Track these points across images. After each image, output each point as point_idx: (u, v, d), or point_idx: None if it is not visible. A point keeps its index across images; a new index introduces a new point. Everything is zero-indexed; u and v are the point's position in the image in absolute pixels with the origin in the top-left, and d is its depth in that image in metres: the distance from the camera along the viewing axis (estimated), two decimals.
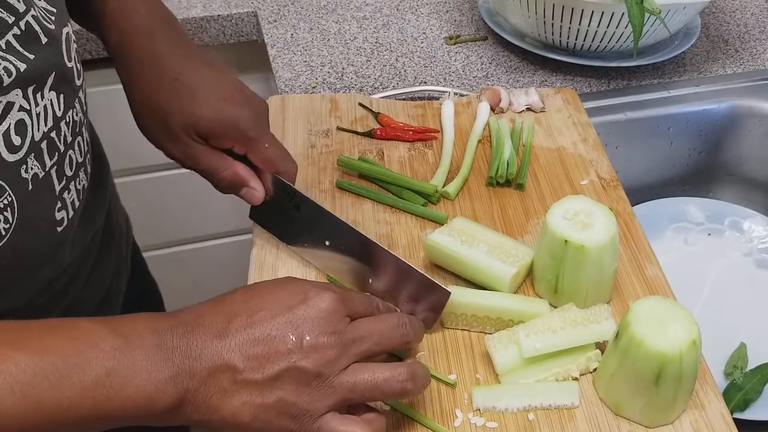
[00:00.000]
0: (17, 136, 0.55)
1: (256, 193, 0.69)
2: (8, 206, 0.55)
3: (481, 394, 0.61)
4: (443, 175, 0.82)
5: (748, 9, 1.22)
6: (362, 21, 1.18)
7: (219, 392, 0.51)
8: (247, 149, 0.68)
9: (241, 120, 0.66)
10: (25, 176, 0.56)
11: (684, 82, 1.05)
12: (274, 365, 0.51)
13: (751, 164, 1.06)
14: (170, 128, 0.66)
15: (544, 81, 1.04)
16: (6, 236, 0.55)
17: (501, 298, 0.66)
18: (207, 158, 0.67)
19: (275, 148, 0.69)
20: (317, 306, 0.53)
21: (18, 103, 0.55)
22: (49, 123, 0.59)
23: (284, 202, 0.70)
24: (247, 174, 0.69)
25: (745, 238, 0.98)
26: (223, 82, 0.68)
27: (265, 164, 0.69)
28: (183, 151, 0.68)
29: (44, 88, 0.58)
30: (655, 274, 0.71)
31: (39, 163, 0.58)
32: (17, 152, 0.55)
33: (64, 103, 0.61)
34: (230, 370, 0.51)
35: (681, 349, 0.55)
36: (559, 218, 0.65)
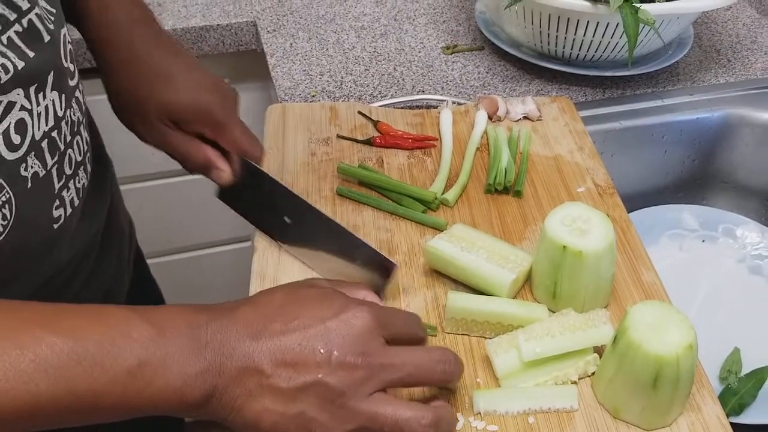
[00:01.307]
0: (17, 135, 0.56)
1: (223, 174, 0.72)
2: (6, 203, 0.56)
3: (482, 398, 0.62)
4: (442, 182, 0.83)
5: (739, 19, 1.24)
6: (360, 31, 1.19)
7: (245, 394, 0.51)
8: (217, 133, 0.71)
9: (212, 105, 0.70)
10: (24, 174, 0.58)
11: (677, 91, 1.06)
12: (300, 376, 0.51)
13: (744, 172, 1.07)
14: (146, 116, 0.70)
15: (540, 90, 1.06)
16: (4, 233, 0.56)
17: (500, 304, 0.67)
18: (180, 143, 0.71)
19: (243, 132, 0.72)
20: (350, 322, 0.52)
21: (19, 102, 0.56)
22: (50, 122, 0.60)
23: (249, 182, 0.73)
24: (215, 156, 0.72)
25: (739, 245, 1.00)
26: (194, 72, 0.72)
27: (234, 147, 0.71)
28: (157, 137, 0.72)
29: (46, 88, 0.59)
30: (651, 280, 0.72)
31: (40, 161, 0.59)
32: (17, 151, 0.56)
33: (64, 102, 0.63)
34: (258, 374, 0.51)
35: (678, 352, 0.56)
36: (557, 224, 0.66)
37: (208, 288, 1.55)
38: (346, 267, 0.69)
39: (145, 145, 0.73)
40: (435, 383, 0.56)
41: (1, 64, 0.54)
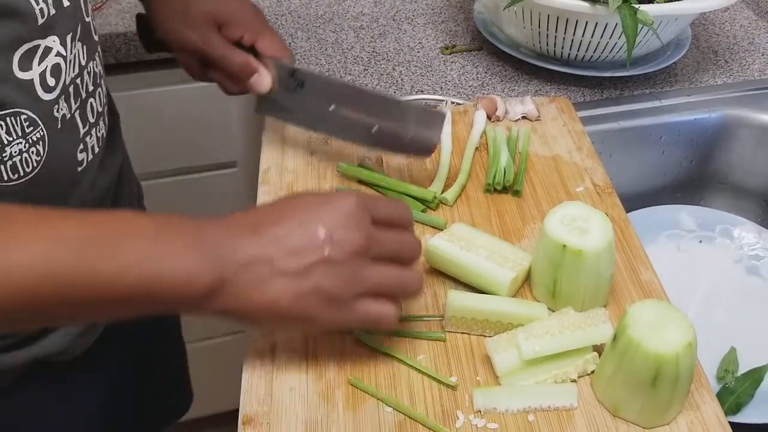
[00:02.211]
0: (52, 78, 0.62)
1: (264, 78, 0.78)
2: (40, 140, 0.62)
3: (482, 396, 0.62)
4: (441, 181, 0.83)
5: (736, 21, 1.25)
6: (359, 31, 1.19)
7: (257, 280, 0.55)
8: (256, 36, 0.78)
9: (250, 12, 0.79)
10: (56, 115, 0.64)
11: (675, 92, 1.07)
12: (307, 256, 0.56)
13: (742, 173, 1.08)
14: (191, 19, 0.77)
15: (539, 90, 1.06)
16: (37, 168, 0.63)
17: (500, 302, 0.67)
18: (221, 45, 0.77)
19: (278, 37, 0.80)
20: (341, 205, 0.58)
21: (55, 48, 0.62)
22: (75, 70, 0.66)
23: (290, 84, 0.78)
24: (256, 62, 0.78)
25: (736, 245, 1.00)
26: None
27: (273, 49, 0.78)
28: (202, 38, 0.77)
29: (76, 38, 0.65)
30: (650, 279, 0.73)
31: (67, 105, 0.65)
32: (51, 92, 0.62)
33: (87, 53, 0.68)
34: (267, 261, 0.55)
35: (677, 350, 0.56)
36: (557, 224, 0.67)
37: None
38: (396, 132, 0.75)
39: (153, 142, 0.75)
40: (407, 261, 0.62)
41: (39, 8, 0.59)
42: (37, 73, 0.60)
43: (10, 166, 0.61)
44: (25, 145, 0.61)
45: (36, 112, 0.61)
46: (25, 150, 0.61)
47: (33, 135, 0.61)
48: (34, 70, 0.60)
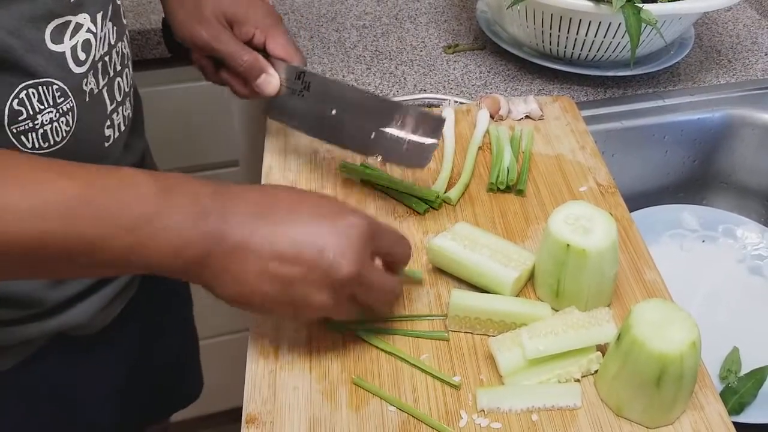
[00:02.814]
0: (83, 52, 0.64)
1: (272, 79, 0.77)
2: (70, 111, 0.64)
3: (486, 396, 0.62)
4: (444, 181, 0.83)
5: (739, 20, 1.24)
6: (362, 29, 1.19)
7: (241, 270, 0.55)
8: (267, 35, 0.78)
9: (262, 10, 0.79)
10: (85, 89, 0.65)
11: (678, 92, 1.07)
12: (293, 268, 0.56)
13: (745, 173, 1.08)
14: (203, 14, 0.77)
15: (542, 89, 1.06)
16: (66, 138, 0.64)
17: (504, 302, 0.67)
18: (232, 42, 0.77)
19: (289, 38, 0.79)
20: (347, 229, 0.57)
21: (86, 25, 0.64)
22: (105, 48, 0.68)
23: (296, 86, 0.77)
24: (265, 62, 0.78)
25: (739, 245, 1.00)
26: None
27: (282, 50, 0.78)
28: (212, 35, 0.77)
29: (106, 18, 0.67)
30: (653, 279, 0.72)
31: (95, 80, 0.67)
32: (81, 66, 0.64)
33: (116, 34, 0.70)
34: (256, 257, 0.55)
35: (682, 350, 0.56)
36: (560, 223, 0.67)
37: None
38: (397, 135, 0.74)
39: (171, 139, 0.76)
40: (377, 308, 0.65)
41: None
42: (69, 47, 0.62)
43: (41, 134, 0.62)
44: (55, 114, 0.62)
45: (66, 83, 0.63)
46: (55, 119, 0.62)
47: (63, 105, 0.63)
48: (66, 43, 0.62)
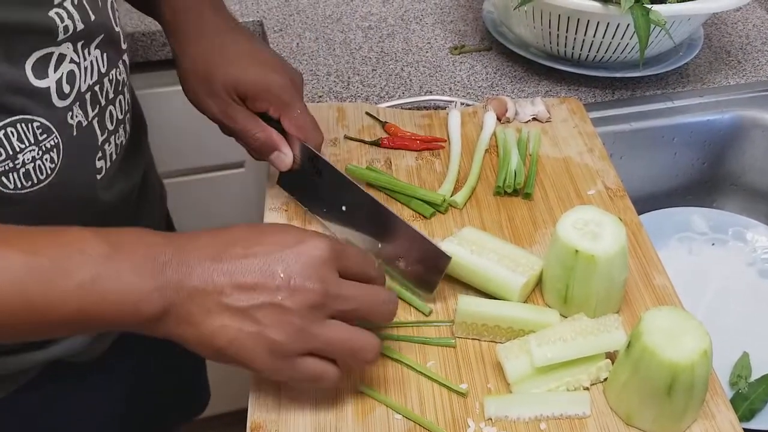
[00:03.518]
0: (67, 85, 0.61)
1: (285, 157, 0.74)
2: (54, 147, 0.61)
3: (493, 404, 0.61)
4: (451, 184, 0.82)
5: (749, 20, 1.23)
6: (367, 30, 1.18)
7: (203, 311, 0.53)
8: (281, 113, 0.73)
9: (278, 84, 0.72)
10: (70, 122, 0.62)
11: (687, 93, 1.05)
12: (258, 297, 0.53)
13: (755, 175, 1.07)
14: (213, 88, 0.72)
15: (549, 91, 1.05)
16: (51, 175, 0.61)
17: (512, 308, 0.66)
18: (244, 118, 0.73)
19: (307, 115, 0.74)
20: (310, 252, 0.55)
21: (69, 55, 0.61)
22: (94, 77, 0.65)
23: (308, 168, 0.74)
24: (279, 139, 0.73)
25: (749, 248, 0.99)
26: (264, 52, 0.75)
27: (297, 129, 0.73)
28: (223, 110, 0.73)
29: (91, 45, 0.64)
30: (663, 284, 0.71)
31: (82, 111, 0.64)
32: (65, 99, 0.61)
33: (107, 61, 0.67)
34: (217, 293, 0.53)
35: (693, 359, 0.55)
36: (569, 228, 0.66)
37: None
38: (399, 257, 0.70)
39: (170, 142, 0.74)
40: (377, 320, 0.59)
41: (64, 25, 0.59)
42: (54, 80, 0.60)
43: (23, 174, 0.59)
44: (38, 152, 0.59)
45: (49, 118, 0.60)
46: (38, 157, 0.60)
47: (47, 142, 0.60)
48: (51, 77, 0.59)
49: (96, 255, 0.51)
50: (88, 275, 0.50)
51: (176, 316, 0.53)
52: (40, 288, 0.49)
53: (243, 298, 0.53)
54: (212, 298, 0.53)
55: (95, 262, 0.51)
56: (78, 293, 0.50)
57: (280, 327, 0.53)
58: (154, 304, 0.52)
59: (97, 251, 0.51)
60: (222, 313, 0.53)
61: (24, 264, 0.49)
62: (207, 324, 0.53)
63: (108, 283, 0.51)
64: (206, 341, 0.54)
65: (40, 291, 0.49)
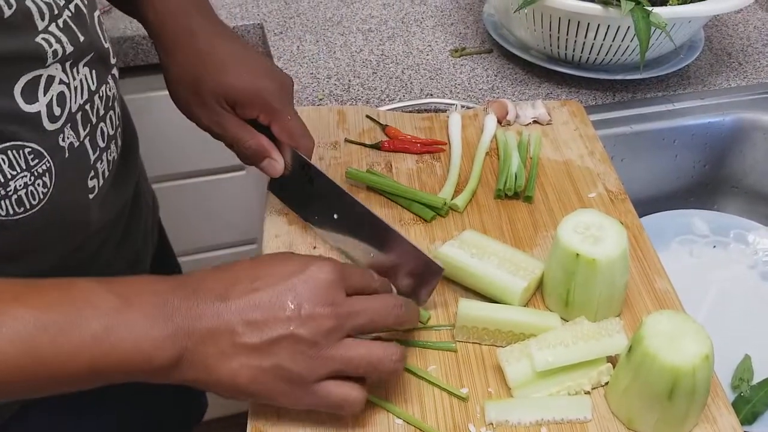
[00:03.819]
0: (58, 107, 0.59)
1: (276, 164, 0.73)
2: (47, 172, 0.59)
3: (494, 408, 0.61)
4: (452, 187, 0.82)
5: (750, 22, 1.23)
6: (368, 33, 1.18)
7: (217, 353, 0.53)
8: (271, 119, 0.71)
9: (268, 91, 0.70)
10: (62, 145, 0.60)
11: (688, 95, 1.05)
12: (272, 331, 0.53)
13: (756, 177, 1.06)
14: (202, 96, 0.70)
15: (550, 93, 1.05)
16: (44, 200, 0.59)
17: (513, 312, 0.66)
18: (234, 126, 0.71)
19: (297, 122, 0.72)
20: (316, 277, 0.55)
21: (58, 76, 0.59)
22: (84, 96, 0.63)
23: (300, 175, 0.73)
24: (269, 146, 0.72)
25: (750, 251, 0.99)
26: (252, 57, 0.73)
27: (287, 136, 0.72)
28: (212, 118, 0.71)
29: (79, 64, 0.62)
30: (664, 288, 0.71)
31: (74, 133, 0.62)
32: (56, 122, 0.59)
33: (97, 78, 0.65)
34: (229, 333, 0.52)
35: (694, 363, 0.55)
36: (570, 232, 0.65)
37: None
38: (391, 267, 0.69)
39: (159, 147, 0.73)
40: (392, 326, 0.59)
41: (53, 49, 0.57)
42: (44, 104, 0.58)
43: (15, 200, 0.58)
44: (30, 177, 0.58)
45: (40, 143, 0.58)
46: (30, 183, 0.58)
47: (38, 167, 0.58)
48: (41, 101, 0.58)
49: (106, 308, 0.51)
50: (99, 328, 0.50)
51: (190, 361, 0.52)
52: (52, 344, 0.49)
53: (256, 335, 0.53)
54: (225, 339, 0.52)
55: (106, 314, 0.50)
56: (90, 347, 0.50)
57: (296, 357, 0.53)
58: (167, 352, 0.51)
59: (107, 304, 0.51)
60: (238, 353, 0.53)
61: (35, 320, 0.49)
62: (225, 366, 0.53)
63: (120, 335, 0.50)
64: (226, 383, 0.53)
65: (51, 347, 0.49)
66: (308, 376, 0.54)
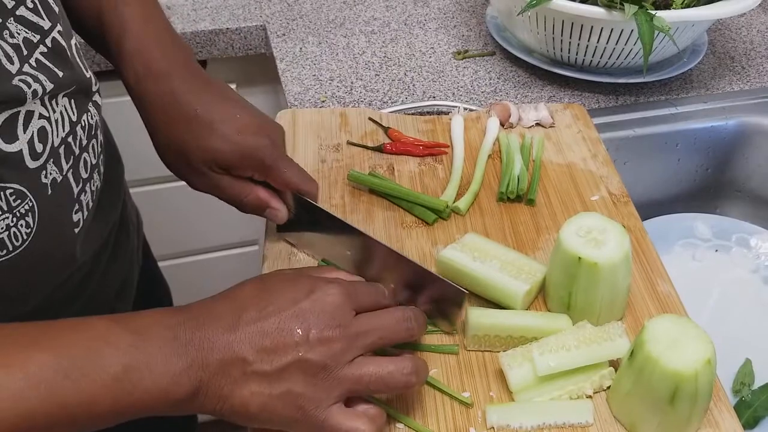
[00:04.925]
0: (40, 143, 0.57)
1: (278, 213, 0.72)
2: (29, 212, 0.57)
3: (495, 412, 0.60)
4: (454, 190, 0.82)
5: (753, 26, 1.23)
6: (370, 35, 1.18)
7: (230, 383, 0.53)
8: (266, 176, 0.70)
9: (258, 150, 0.68)
10: (44, 182, 0.58)
11: (691, 99, 1.05)
12: (282, 357, 0.53)
13: (759, 181, 1.06)
14: (192, 164, 0.69)
15: (552, 96, 1.05)
16: (27, 240, 0.57)
17: (523, 317, 0.66)
18: (229, 187, 0.70)
19: (293, 171, 0.71)
20: (323, 300, 0.55)
21: (37, 111, 0.57)
22: (66, 128, 0.61)
23: (305, 217, 0.72)
24: (267, 197, 0.71)
25: (753, 255, 0.99)
26: (239, 114, 0.70)
27: (286, 187, 0.71)
28: (206, 183, 0.70)
29: (58, 96, 0.60)
30: (667, 292, 0.71)
31: (57, 168, 0.60)
32: (38, 159, 0.57)
33: (77, 108, 0.63)
34: (240, 362, 0.53)
35: (696, 368, 0.55)
36: (572, 235, 0.65)
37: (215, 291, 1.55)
38: (414, 298, 0.68)
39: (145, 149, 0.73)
40: (402, 340, 0.59)
41: (32, 90, 0.55)
42: (25, 141, 0.55)
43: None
44: (12, 219, 0.55)
45: (22, 183, 0.55)
46: (12, 225, 0.55)
47: (20, 208, 0.56)
48: (21, 139, 0.55)
49: (124, 346, 0.50)
50: (119, 367, 0.50)
51: (207, 393, 0.52)
52: (74, 387, 0.48)
53: (266, 362, 0.53)
54: (237, 368, 0.53)
55: (124, 353, 0.50)
56: (112, 387, 0.49)
57: (307, 382, 0.53)
58: (184, 386, 0.51)
59: (124, 341, 0.51)
60: (249, 381, 0.53)
61: (56, 365, 0.48)
62: (237, 394, 0.53)
63: (139, 374, 0.50)
64: (239, 411, 0.53)
65: (74, 392, 0.48)
66: (319, 399, 0.54)
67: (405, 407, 0.62)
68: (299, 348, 0.53)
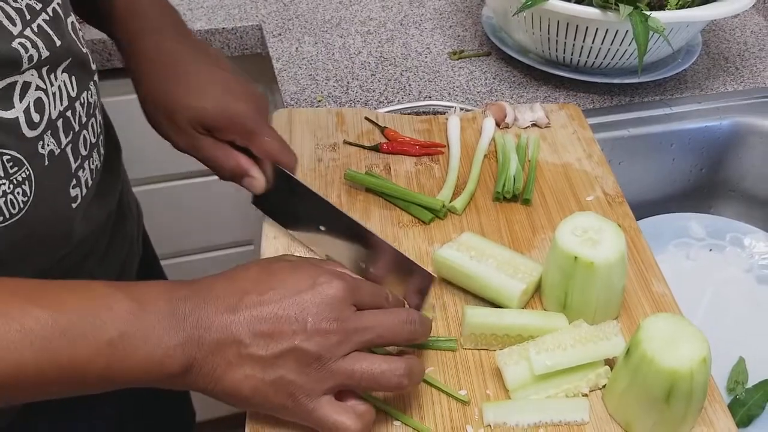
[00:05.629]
0: (36, 114, 0.58)
1: (256, 182, 0.72)
2: (26, 180, 0.58)
3: (492, 410, 0.61)
4: (450, 189, 0.82)
5: (747, 27, 1.24)
6: (366, 35, 1.18)
7: (224, 363, 0.53)
8: (248, 141, 0.71)
9: (243, 114, 0.69)
10: (42, 152, 0.59)
11: (686, 99, 1.06)
12: (278, 344, 0.53)
13: (752, 181, 1.07)
14: (176, 122, 0.70)
15: (548, 97, 1.05)
16: (24, 209, 0.58)
17: (519, 315, 0.66)
18: (211, 149, 0.71)
19: (275, 140, 0.71)
20: (324, 292, 0.55)
21: (34, 82, 0.58)
22: (64, 102, 0.62)
23: (283, 189, 0.73)
24: (248, 164, 0.71)
25: (746, 254, 0.99)
26: (226, 79, 0.72)
27: (266, 155, 0.71)
28: (188, 143, 0.71)
29: (57, 70, 0.60)
30: (662, 291, 0.72)
31: (55, 140, 0.61)
32: (36, 129, 0.58)
33: (77, 84, 0.64)
34: (236, 344, 0.53)
35: (692, 366, 0.55)
36: (568, 235, 0.66)
37: None
38: (382, 277, 0.68)
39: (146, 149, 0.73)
40: (403, 342, 0.59)
41: (29, 54, 0.56)
42: (21, 110, 0.56)
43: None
44: (9, 186, 0.56)
45: (20, 150, 0.57)
46: (9, 191, 0.56)
47: (18, 175, 0.57)
48: (17, 107, 0.56)
49: (123, 312, 0.51)
50: (116, 333, 0.50)
51: (199, 371, 0.53)
52: (69, 346, 0.49)
53: (262, 347, 0.53)
54: (233, 349, 0.53)
55: (123, 319, 0.50)
56: (106, 351, 0.50)
57: (300, 370, 0.54)
58: (177, 361, 0.52)
59: (124, 308, 0.51)
60: (243, 364, 0.53)
61: (52, 323, 0.49)
62: (230, 376, 0.53)
63: (134, 342, 0.50)
64: (231, 393, 0.54)
65: (68, 349, 0.49)
66: (310, 389, 0.54)
67: (402, 405, 0.62)
68: (296, 336, 0.54)
